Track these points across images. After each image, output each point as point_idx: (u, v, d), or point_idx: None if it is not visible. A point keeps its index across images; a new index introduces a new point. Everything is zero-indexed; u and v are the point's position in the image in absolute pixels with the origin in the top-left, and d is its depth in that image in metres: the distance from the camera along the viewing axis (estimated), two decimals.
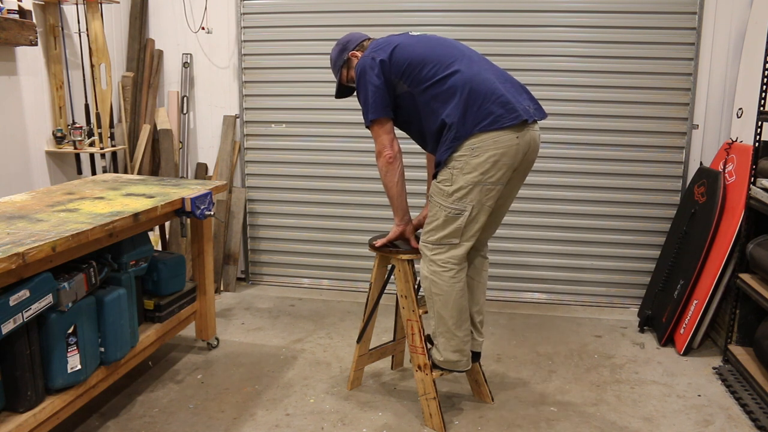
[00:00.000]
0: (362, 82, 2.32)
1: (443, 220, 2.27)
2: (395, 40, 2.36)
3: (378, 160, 2.37)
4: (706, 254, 3.16)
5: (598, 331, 3.50)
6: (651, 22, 3.56)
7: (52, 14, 3.31)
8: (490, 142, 2.17)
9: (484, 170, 2.19)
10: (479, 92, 2.19)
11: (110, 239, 2.29)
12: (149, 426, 2.44)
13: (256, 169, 4.11)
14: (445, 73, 2.23)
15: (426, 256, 2.34)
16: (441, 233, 2.29)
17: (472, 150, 2.18)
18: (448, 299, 2.31)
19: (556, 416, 2.57)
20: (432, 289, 2.33)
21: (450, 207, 2.24)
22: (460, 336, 2.37)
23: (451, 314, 2.33)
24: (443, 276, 2.30)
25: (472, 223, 2.27)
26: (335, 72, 2.54)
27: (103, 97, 3.53)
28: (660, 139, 3.68)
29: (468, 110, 2.18)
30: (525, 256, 3.90)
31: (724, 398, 2.73)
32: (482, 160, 2.18)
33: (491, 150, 2.17)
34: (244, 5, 3.93)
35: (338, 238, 4.07)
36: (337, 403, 2.64)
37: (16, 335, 1.91)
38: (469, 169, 2.19)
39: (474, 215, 2.25)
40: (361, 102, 2.36)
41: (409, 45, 2.31)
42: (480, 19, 3.70)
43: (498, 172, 2.20)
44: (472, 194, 2.22)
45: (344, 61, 2.49)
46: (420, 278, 2.40)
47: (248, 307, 3.79)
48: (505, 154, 2.18)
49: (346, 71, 2.50)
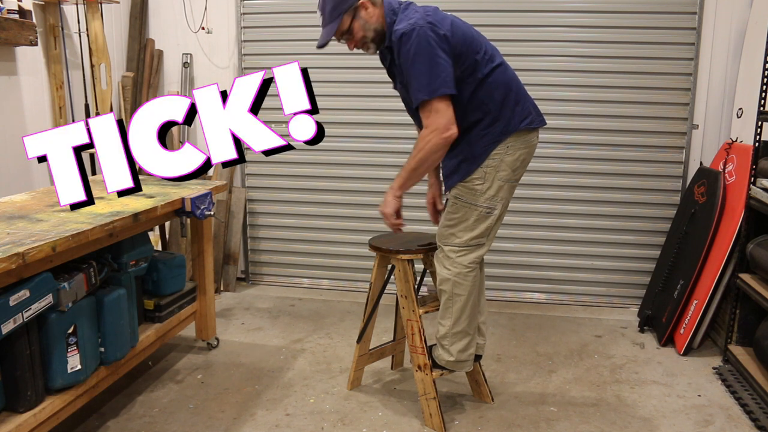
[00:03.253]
0: (423, 50, 2.07)
1: (474, 220, 2.26)
2: (447, 16, 2.19)
3: (437, 135, 2.12)
4: (706, 254, 3.16)
5: (598, 331, 3.50)
6: (651, 22, 3.56)
7: (52, 14, 3.31)
8: (521, 141, 2.24)
9: (515, 168, 2.25)
10: (521, 91, 2.28)
11: (110, 239, 2.29)
12: (149, 426, 2.44)
13: (256, 169, 4.11)
14: (493, 64, 2.22)
15: (449, 259, 2.31)
16: (471, 234, 2.27)
17: (508, 148, 2.22)
18: (469, 299, 2.33)
19: (556, 416, 2.57)
20: (455, 290, 2.32)
21: (483, 206, 2.25)
22: (471, 334, 2.39)
23: (469, 313, 2.35)
24: (468, 277, 2.30)
25: (499, 222, 2.31)
26: (334, 16, 2.18)
27: (103, 97, 3.53)
28: (660, 139, 3.68)
29: (515, 105, 2.23)
30: (525, 256, 3.90)
31: (724, 398, 2.73)
32: (515, 158, 2.24)
33: (522, 149, 2.25)
34: (244, 5, 3.93)
35: (338, 238, 4.07)
36: (337, 403, 2.64)
37: (16, 335, 1.90)
38: (504, 167, 2.23)
39: (501, 213, 2.30)
40: (417, 73, 2.09)
41: (459, 23, 2.21)
42: (480, 19, 3.68)
43: (522, 171, 2.31)
44: (502, 192, 2.26)
45: (352, 6, 2.17)
46: (438, 281, 2.38)
47: (248, 307, 3.78)
48: (530, 154, 2.30)
49: (350, 19, 2.19)
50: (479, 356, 2.53)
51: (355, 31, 2.22)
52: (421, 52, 2.08)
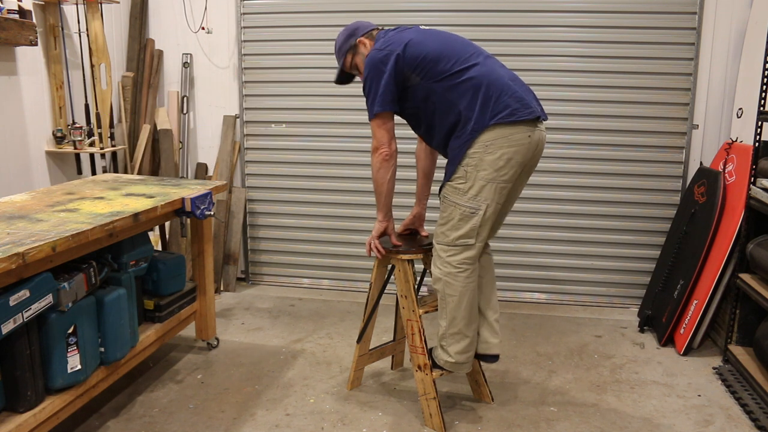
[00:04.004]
0: (372, 74, 2.29)
1: (458, 219, 2.28)
2: (408, 35, 2.33)
3: (373, 156, 2.35)
4: (706, 254, 3.16)
5: (598, 331, 3.50)
6: (651, 22, 3.56)
7: (52, 14, 3.31)
8: (503, 140, 2.20)
9: (498, 167, 2.22)
10: (497, 86, 2.23)
11: (110, 239, 2.29)
12: (149, 426, 2.44)
13: (256, 169, 4.11)
14: (463, 66, 2.26)
15: (440, 258, 2.34)
16: (457, 233, 2.29)
17: (486, 147, 2.21)
18: (462, 300, 2.32)
19: (556, 416, 2.57)
20: (446, 290, 2.33)
21: (465, 206, 2.26)
22: (470, 336, 2.38)
23: (464, 315, 2.34)
24: (458, 277, 2.31)
25: (487, 223, 2.29)
26: (339, 56, 2.49)
27: (103, 97, 3.53)
28: (660, 139, 3.68)
29: (486, 102, 2.21)
30: (525, 256, 3.90)
31: (724, 398, 2.73)
32: (496, 157, 2.21)
33: (504, 147, 2.20)
34: (244, 5, 3.93)
35: (338, 238, 4.07)
36: (337, 403, 2.64)
37: (16, 335, 1.91)
38: (485, 166, 2.22)
39: (488, 214, 2.27)
40: (367, 93, 2.33)
41: (422, 40, 2.30)
42: (480, 19, 3.70)
43: (510, 171, 2.24)
44: (485, 192, 2.24)
45: (351, 46, 2.44)
46: (432, 279, 2.39)
47: (248, 307, 3.79)
48: (518, 152, 2.22)
49: (351, 56, 2.46)
50: (496, 356, 2.49)
51: (359, 65, 2.44)
52: (370, 74, 2.30)
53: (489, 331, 2.46)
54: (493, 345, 2.48)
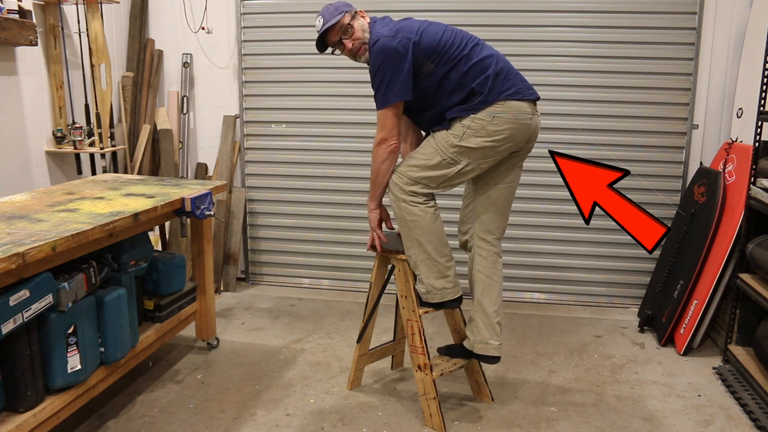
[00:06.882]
0: (387, 61, 2.23)
1: (436, 162, 2.32)
2: (416, 23, 2.34)
3: (379, 147, 2.33)
4: (706, 254, 3.16)
5: (598, 331, 3.50)
6: (651, 22, 3.56)
7: (52, 14, 3.31)
8: (509, 114, 2.27)
9: (496, 140, 2.28)
10: (504, 66, 2.33)
11: (110, 239, 2.29)
12: (149, 426, 2.44)
13: (256, 169, 4.11)
14: (473, 51, 2.31)
15: (396, 185, 2.37)
16: (426, 173, 2.34)
17: (493, 118, 2.26)
18: (424, 223, 2.35)
19: (556, 416, 2.57)
20: (406, 216, 2.37)
21: (448, 156, 2.31)
22: (442, 262, 2.39)
23: (430, 239, 2.36)
24: (410, 208, 2.35)
25: (457, 178, 2.35)
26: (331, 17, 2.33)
27: (103, 97, 3.53)
28: (660, 139, 3.68)
29: (497, 78, 2.29)
30: (525, 256, 3.90)
31: (724, 398, 2.73)
32: (499, 129, 2.27)
33: (510, 123, 2.27)
34: (244, 5, 3.93)
35: (338, 238, 4.07)
36: (337, 403, 2.64)
37: (16, 335, 1.91)
38: (484, 134, 2.27)
39: (464, 172, 2.33)
40: (379, 82, 2.26)
41: (430, 28, 2.32)
42: (480, 19, 3.70)
43: (505, 145, 2.31)
44: (473, 154, 2.29)
45: (350, 12, 2.36)
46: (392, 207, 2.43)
47: (248, 307, 3.79)
48: (519, 131, 2.30)
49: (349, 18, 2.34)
50: (496, 358, 2.47)
51: (355, 29, 2.36)
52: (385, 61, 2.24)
53: (490, 331, 2.45)
54: (493, 347, 2.46)
